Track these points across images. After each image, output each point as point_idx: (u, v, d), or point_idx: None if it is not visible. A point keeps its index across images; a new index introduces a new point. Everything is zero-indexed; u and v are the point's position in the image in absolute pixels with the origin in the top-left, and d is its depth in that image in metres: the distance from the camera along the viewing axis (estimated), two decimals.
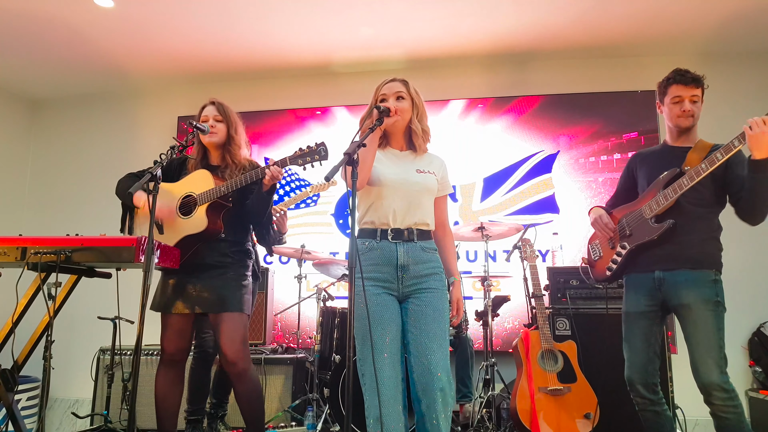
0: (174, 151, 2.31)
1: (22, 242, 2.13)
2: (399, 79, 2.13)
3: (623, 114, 4.20)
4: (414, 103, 2.14)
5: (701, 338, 2.10)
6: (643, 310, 2.26)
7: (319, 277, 3.95)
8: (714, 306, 2.12)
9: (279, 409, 3.47)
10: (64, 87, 4.98)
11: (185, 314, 2.38)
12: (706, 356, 2.07)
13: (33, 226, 4.94)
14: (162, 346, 2.40)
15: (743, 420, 2.06)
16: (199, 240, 2.39)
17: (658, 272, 2.23)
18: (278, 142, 4.70)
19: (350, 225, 1.75)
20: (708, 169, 2.11)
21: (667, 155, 2.36)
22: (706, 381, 2.06)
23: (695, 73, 2.29)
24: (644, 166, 2.43)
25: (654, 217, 2.25)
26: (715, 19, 3.85)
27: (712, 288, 2.15)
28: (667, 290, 2.20)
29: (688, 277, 2.17)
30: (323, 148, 2.28)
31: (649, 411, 2.26)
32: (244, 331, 2.37)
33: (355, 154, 1.78)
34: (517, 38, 4.17)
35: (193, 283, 2.38)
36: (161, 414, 2.38)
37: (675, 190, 2.19)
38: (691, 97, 2.28)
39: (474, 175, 4.40)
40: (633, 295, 2.31)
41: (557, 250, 3.98)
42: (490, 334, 3.37)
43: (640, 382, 2.24)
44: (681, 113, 2.28)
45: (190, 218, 2.39)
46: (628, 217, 2.37)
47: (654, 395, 2.25)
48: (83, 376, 4.10)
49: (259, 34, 4.11)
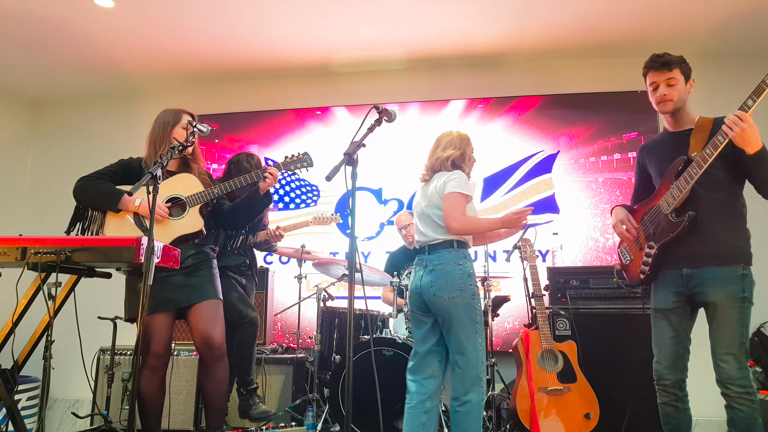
0: (174, 151, 2.31)
1: (22, 242, 2.12)
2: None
3: (623, 114, 4.20)
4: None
5: (724, 334, 2.08)
6: (672, 307, 2.21)
7: (319, 277, 3.95)
8: (740, 302, 2.08)
9: (279, 409, 3.46)
10: (64, 87, 4.98)
11: (169, 312, 2.42)
12: (727, 352, 2.06)
13: (33, 226, 4.93)
14: (149, 350, 2.39)
15: (757, 417, 2.03)
16: (189, 240, 2.47)
17: (686, 269, 2.17)
18: (278, 142, 4.70)
19: (350, 225, 1.75)
20: (713, 154, 2.05)
21: (671, 143, 2.31)
22: (724, 376, 2.05)
23: (668, 56, 2.24)
24: (652, 158, 2.38)
25: (673, 211, 2.17)
26: (715, 19, 3.85)
27: (739, 284, 2.09)
28: (695, 286, 2.15)
29: (716, 274, 2.11)
30: (308, 157, 2.61)
31: (671, 406, 2.23)
32: (222, 316, 2.50)
33: (355, 154, 1.78)
34: (517, 38, 4.17)
35: (172, 281, 2.42)
36: (148, 416, 2.42)
37: (687, 180, 2.12)
38: (667, 81, 2.23)
39: (474, 175, 4.33)
40: (662, 291, 2.25)
41: (557, 250, 3.98)
42: (490, 334, 3.37)
43: (670, 378, 2.21)
44: (660, 98, 2.25)
45: (183, 219, 2.45)
46: (648, 213, 2.30)
47: (680, 392, 2.22)
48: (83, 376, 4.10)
49: (259, 34, 4.11)
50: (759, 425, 2.04)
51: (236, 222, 2.68)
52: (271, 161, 4.67)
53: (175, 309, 2.44)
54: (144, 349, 2.40)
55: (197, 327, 2.42)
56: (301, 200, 4.60)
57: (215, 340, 2.41)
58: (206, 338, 2.41)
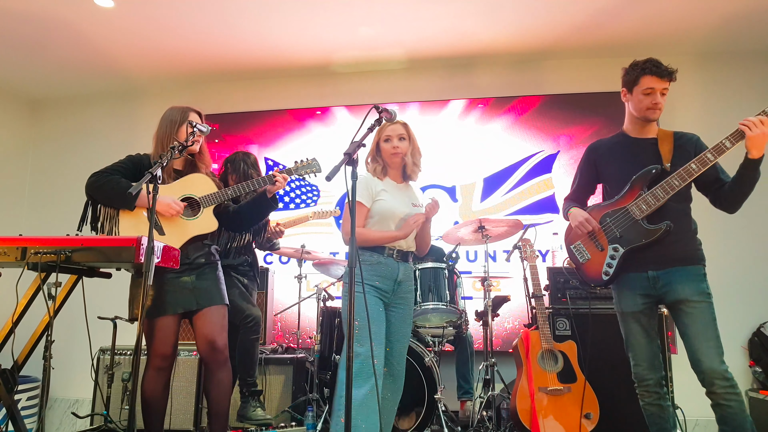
0: (174, 151, 2.31)
1: (22, 242, 2.12)
2: (401, 123, 2.52)
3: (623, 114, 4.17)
4: (411, 142, 2.54)
5: (701, 329, 2.12)
6: (641, 309, 2.27)
7: (319, 277, 3.95)
8: (707, 297, 2.17)
9: (279, 409, 3.47)
10: (64, 87, 4.99)
11: (177, 315, 2.40)
12: (707, 346, 2.09)
13: (33, 226, 4.94)
14: (155, 351, 2.38)
15: (745, 410, 2.07)
16: (200, 240, 2.47)
17: (652, 272, 2.24)
18: (278, 142, 4.70)
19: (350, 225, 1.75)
20: (700, 170, 2.14)
21: (634, 148, 2.34)
22: (708, 369, 2.07)
23: (669, 66, 2.27)
24: (611, 160, 2.40)
25: (645, 218, 2.24)
26: (715, 19, 3.85)
27: (703, 281, 2.20)
28: (662, 287, 2.22)
29: (682, 272, 2.19)
30: (317, 163, 2.67)
31: (655, 405, 2.27)
32: (226, 322, 2.51)
33: (355, 154, 1.78)
34: (517, 38, 4.17)
35: (182, 283, 2.41)
36: (152, 417, 2.42)
37: (665, 191, 2.20)
38: (663, 90, 2.26)
39: (474, 175, 4.40)
40: (628, 294, 2.30)
41: (557, 250, 3.98)
42: (490, 334, 3.37)
43: (651, 377, 2.25)
44: (652, 105, 2.26)
45: (197, 219, 2.45)
46: (612, 216, 2.32)
47: (661, 389, 2.27)
48: (83, 376, 4.11)
49: (259, 34, 4.11)
50: (749, 418, 2.06)
51: (241, 224, 2.67)
52: (271, 161, 4.67)
53: (183, 311, 2.42)
54: (151, 350, 2.39)
55: (202, 332, 2.40)
56: (301, 200, 4.60)
57: (219, 345, 2.40)
58: (211, 343, 2.39)
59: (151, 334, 2.39)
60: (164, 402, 2.46)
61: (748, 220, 3.71)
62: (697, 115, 4.12)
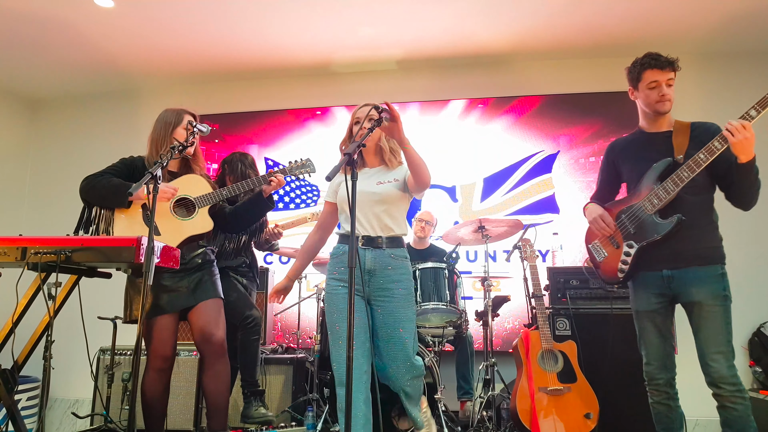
0: (174, 151, 2.31)
1: (22, 242, 2.12)
2: (371, 104, 2.27)
3: (623, 114, 4.18)
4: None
5: (711, 333, 2.09)
6: (655, 308, 2.23)
7: (319, 277, 3.95)
8: (723, 301, 2.11)
9: (279, 409, 3.47)
10: (64, 87, 4.98)
11: (174, 314, 2.41)
12: (716, 351, 2.07)
13: (33, 226, 4.94)
14: (155, 352, 2.38)
15: (750, 414, 2.05)
16: (195, 240, 2.48)
17: (666, 271, 2.19)
18: (278, 142, 4.70)
19: (350, 225, 1.76)
20: (708, 160, 2.08)
21: (649, 143, 2.32)
22: (715, 375, 2.06)
23: (668, 56, 2.25)
24: (627, 157, 2.39)
25: (657, 212, 2.20)
26: (715, 19, 3.85)
27: (720, 282, 2.13)
28: (677, 287, 2.17)
29: (697, 274, 2.14)
30: (311, 163, 2.69)
31: (663, 404, 2.25)
32: (223, 314, 2.51)
33: (355, 154, 1.78)
34: (517, 38, 4.17)
35: (176, 283, 2.41)
36: (152, 418, 2.42)
37: (676, 183, 2.14)
38: (668, 81, 2.25)
39: (474, 175, 4.40)
40: (643, 293, 2.27)
41: (557, 250, 3.98)
42: (490, 334, 3.37)
43: (662, 377, 2.24)
44: (660, 98, 2.25)
45: (192, 219, 2.45)
46: (627, 212, 2.30)
47: (671, 389, 2.25)
48: (83, 376, 4.10)
49: (259, 34, 4.11)
50: (752, 423, 2.05)
51: (238, 224, 2.69)
52: (271, 161, 4.67)
53: (180, 310, 2.43)
54: (150, 351, 2.39)
55: (197, 324, 2.41)
56: (301, 200, 4.60)
57: (216, 337, 2.40)
58: (206, 334, 2.39)
59: (149, 334, 2.39)
60: (165, 403, 2.46)
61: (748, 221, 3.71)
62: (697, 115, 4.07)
